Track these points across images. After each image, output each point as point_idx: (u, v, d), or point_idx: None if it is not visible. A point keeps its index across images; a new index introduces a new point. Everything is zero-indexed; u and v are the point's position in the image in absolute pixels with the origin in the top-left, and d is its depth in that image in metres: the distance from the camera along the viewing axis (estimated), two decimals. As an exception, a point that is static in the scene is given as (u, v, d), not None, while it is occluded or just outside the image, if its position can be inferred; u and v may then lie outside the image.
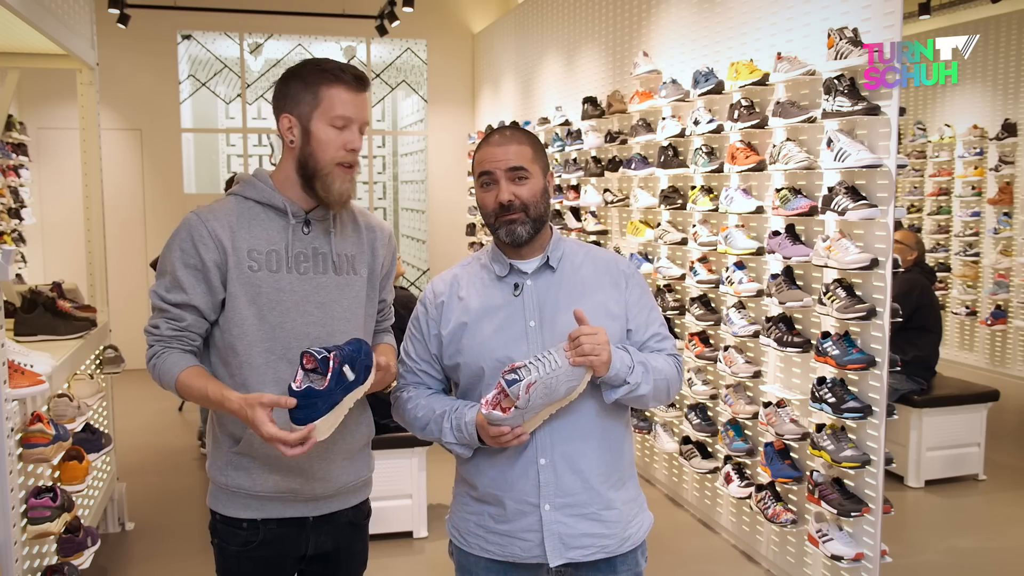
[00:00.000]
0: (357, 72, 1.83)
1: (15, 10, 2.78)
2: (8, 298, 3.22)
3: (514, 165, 1.82)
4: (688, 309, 4.27)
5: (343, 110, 1.79)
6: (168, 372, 1.80)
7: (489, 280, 1.89)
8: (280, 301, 1.82)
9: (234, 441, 1.87)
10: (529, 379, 1.65)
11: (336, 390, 1.68)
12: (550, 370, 1.67)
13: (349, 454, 1.95)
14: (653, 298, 1.99)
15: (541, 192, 1.86)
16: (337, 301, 1.88)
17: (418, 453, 4.07)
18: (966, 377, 5.64)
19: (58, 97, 7.37)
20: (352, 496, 1.99)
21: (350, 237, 1.93)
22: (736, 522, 4.03)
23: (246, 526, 1.89)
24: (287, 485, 1.87)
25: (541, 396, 1.67)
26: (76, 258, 4.71)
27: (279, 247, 1.83)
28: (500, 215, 1.83)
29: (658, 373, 1.83)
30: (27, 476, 2.71)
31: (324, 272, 1.87)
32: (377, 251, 1.97)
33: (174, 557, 3.93)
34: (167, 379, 1.81)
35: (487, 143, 1.87)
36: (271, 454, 1.84)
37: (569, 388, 1.72)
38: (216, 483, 1.91)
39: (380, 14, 7.55)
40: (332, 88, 1.79)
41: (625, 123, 5.07)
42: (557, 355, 1.70)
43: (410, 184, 10.28)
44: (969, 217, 7.29)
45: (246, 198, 1.86)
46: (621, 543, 1.85)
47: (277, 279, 1.82)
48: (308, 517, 1.92)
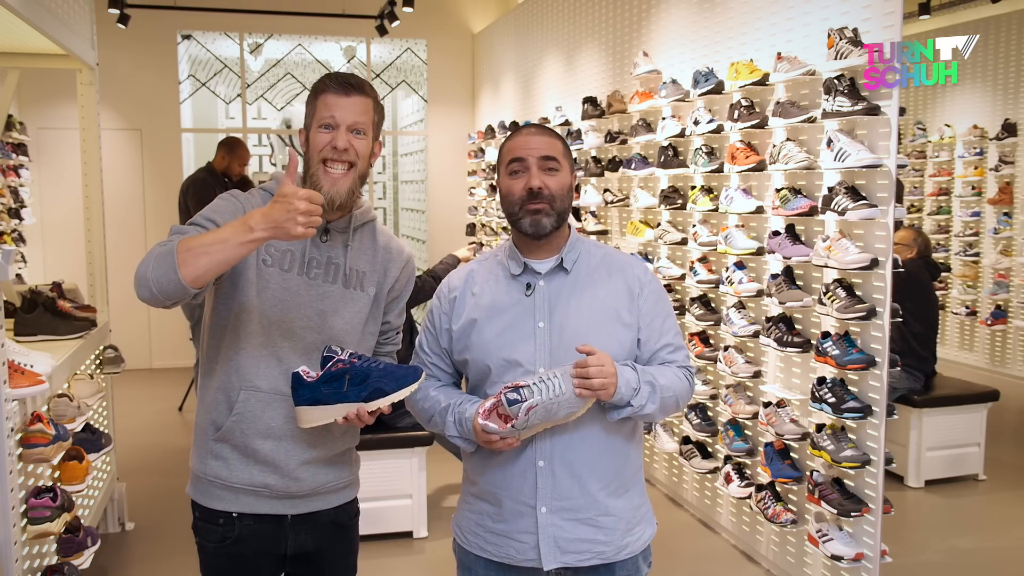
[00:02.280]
0: (350, 79, 1.85)
1: (15, 10, 2.78)
2: (8, 298, 3.22)
3: (546, 154, 1.84)
4: (688, 309, 4.27)
5: (326, 112, 1.82)
6: (169, 250, 1.63)
7: (503, 277, 1.90)
8: (283, 300, 1.84)
9: (215, 428, 1.88)
10: (531, 402, 1.65)
11: (323, 390, 1.73)
12: (553, 396, 1.67)
13: (327, 460, 1.95)
14: (670, 306, 1.96)
15: (568, 187, 1.88)
16: (338, 312, 1.89)
17: (418, 453, 4.07)
18: (966, 377, 5.64)
19: (58, 97, 7.37)
20: (333, 496, 1.98)
21: (366, 253, 1.95)
22: (736, 522, 4.03)
23: (223, 521, 1.91)
24: (262, 479, 1.88)
25: (540, 418, 1.68)
26: (76, 258, 4.71)
27: (295, 249, 1.86)
28: (528, 202, 1.83)
29: (666, 391, 1.81)
30: (27, 476, 2.71)
31: (333, 282, 1.89)
32: (389, 272, 1.98)
33: (174, 557, 3.93)
34: (166, 259, 1.62)
35: (519, 133, 1.89)
36: (249, 445, 1.86)
37: (569, 413, 1.71)
38: (195, 472, 1.94)
39: (380, 14, 7.55)
40: (323, 95, 1.84)
41: (625, 123, 5.07)
42: (563, 380, 1.68)
43: (410, 184, 10.28)
44: (969, 217, 7.29)
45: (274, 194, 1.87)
46: (618, 551, 1.84)
47: (286, 279, 1.85)
48: (286, 515, 1.92)
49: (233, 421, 1.85)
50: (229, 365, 1.85)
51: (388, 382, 1.75)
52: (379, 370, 1.75)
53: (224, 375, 1.87)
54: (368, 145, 1.87)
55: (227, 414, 1.86)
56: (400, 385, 1.76)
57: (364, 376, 1.73)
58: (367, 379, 1.73)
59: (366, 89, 1.86)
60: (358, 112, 1.84)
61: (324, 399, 1.74)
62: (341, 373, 1.72)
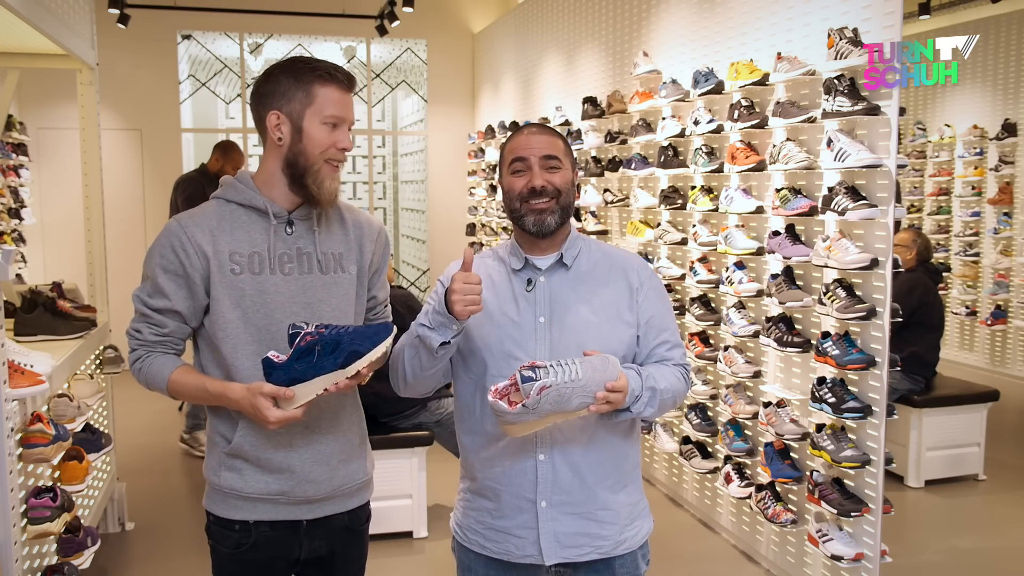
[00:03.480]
0: (348, 73, 1.85)
1: (15, 10, 2.78)
2: (8, 298, 3.22)
3: (548, 153, 1.84)
4: (688, 309, 4.27)
5: (335, 110, 1.80)
6: (157, 374, 1.83)
7: (504, 273, 1.90)
8: (264, 303, 1.81)
9: (226, 442, 1.86)
10: (544, 382, 1.61)
11: (296, 367, 1.69)
12: (568, 379, 1.63)
13: (343, 455, 1.93)
14: (669, 303, 1.97)
15: (571, 184, 1.88)
16: (325, 300, 1.87)
17: (418, 453, 4.07)
18: (966, 377, 5.64)
19: (58, 97, 7.37)
20: (349, 499, 1.97)
21: (336, 235, 1.91)
22: (736, 522, 4.03)
23: (238, 528, 1.89)
24: (278, 487, 1.86)
25: (551, 403, 1.63)
26: (76, 258, 4.71)
27: (262, 249, 1.82)
28: (530, 200, 1.83)
29: (665, 393, 1.82)
30: (27, 476, 2.71)
31: (309, 272, 1.86)
32: (364, 247, 1.95)
33: (174, 557, 3.93)
34: (156, 381, 1.84)
35: (520, 133, 1.90)
36: (262, 456, 1.84)
37: (581, 404, 1.68)
38: (210, 483, 1.91)
39: (380, 14, 7.55)
40: (326, 87, 1.79)
41: (625, 123, 5.07)
42: (580, 367, 1.65)
43: (410, 184, 10.28)
44: (969, 217, 7.29)
45: (228, 200, 1.85)
46: (616, 545, 1.85)
47: (260, 281, 1.81)
48: (302, 521, 1.91)
49: (241, 435, 1.84)
50: (228, 379, 1.83)
51: (361, 342, 1.71)
52: (349, 334, 1.71)
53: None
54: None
55: (233, 428, 1.85)
56: (374, 343, 1.72)
57: (335, 343, 1.69)
58: (339, 345, 1.69)
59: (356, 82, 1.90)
60: (352, 108, 1.87)
61: (300, 376, 1.69)
62: (311, 346, 1.68)
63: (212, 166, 5.60)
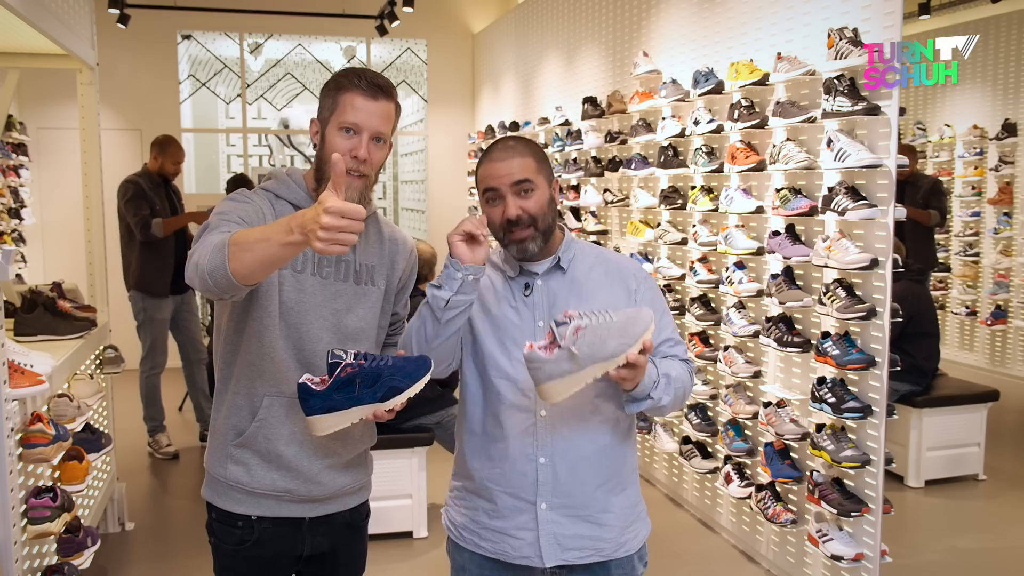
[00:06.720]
0: (379, 80, 1.80)
1: (15, 10, 2.78)
2: (8, 298, 3.22)
3: (518, 179, 1.80)
4: (688, 309, 4.27)
5: (352, 116, 1.77)
6: (220, 242, 1.57)
7: (502, 278, 1.90)
8: (299, 302, 1.83)
9: (236, 434, 1.86)
10: (579, 322, 1.60)
11: (335, 397, 1.67)
12: (603, 322, 1.62)
13: (347, 463, 1.95)
14: (666, 304, 1.98)
15: (548, 202, 1.85)
16: (352, 310, 1.88)
17: (418, 453, 4.07)
18: (966, 377, 5.64)
19: (58, 97, 7.37)
20: (350, 498, 1.99)
21: (373, 247, 1.93)
22: (736, 522, 4.03)
23: (241, 524, 1.89)
24: (284, 484, 1.87)
25: (588, 344, 1.60)
26: (76, 258, 4.71)
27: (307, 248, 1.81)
28: (509, 231, 1.82)
29: (677, 383, 1.82)
30: (27, 476, 2.71)
31: (345, 280, 1.87)
32: (397, 264, 1.97)
33: (174, 557, 3.93)
34: (216, 252, 1.56)
35: (489, 159, 1.84)
36: (273, 450, 1.84)
37: (619, 347, 1.63)
38: (214, 475, 1.91)
39: (380, 14, 7.55)
40: (347, 94, 1.78)
41: (625, 123, 5.07)
42: (613, 313, 1.65)
43: (410, 184, 10.28)
44: (969, 217, 7.29)
45: (278, 196, 1.86)
46: (616, 548, 1.85)
47: (300, 280, 1.82)
48: (304, 518, 1.92)
49: (256, 427, 1.84)
50: (251, 370, 1.83)
51: (401, 378, 1.70)
52: (389, 368, 1.70)
53: (246, 380, 1.84)
54: (386, 154, 1.84)
55: (249, 419, 1.84)
56: (413, 379, 1.72)
57: (376, 377, 1.68)
58: (379, 379, 1.69)
59: (392, 92, 1.82)
60: (382, 119, 1.79)
61: (338, 406, 1.68)
62: (351, 378, 1.67)
63: (152, 165, 5.33)
